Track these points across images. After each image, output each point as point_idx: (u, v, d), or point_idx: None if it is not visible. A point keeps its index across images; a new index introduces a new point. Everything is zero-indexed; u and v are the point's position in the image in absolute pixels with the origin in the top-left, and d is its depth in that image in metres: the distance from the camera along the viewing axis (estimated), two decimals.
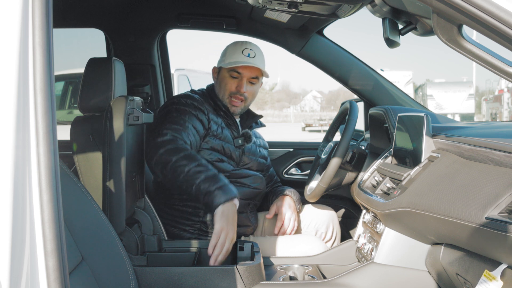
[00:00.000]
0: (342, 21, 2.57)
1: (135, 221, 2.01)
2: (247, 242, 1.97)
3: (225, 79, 2.28)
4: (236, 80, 2.26)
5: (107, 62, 1.82)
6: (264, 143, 2.54)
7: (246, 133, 2.30)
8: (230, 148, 2.23)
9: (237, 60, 2.25)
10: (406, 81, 21.33)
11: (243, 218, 2.25)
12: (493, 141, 1.35)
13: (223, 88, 2.28)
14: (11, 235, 0.90)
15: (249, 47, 2.28)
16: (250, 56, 2.26)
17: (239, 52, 2.26)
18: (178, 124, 2.06)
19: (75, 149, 1.85)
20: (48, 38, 0.96)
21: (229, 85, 2.27)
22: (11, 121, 0.92)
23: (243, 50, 2.27)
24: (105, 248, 1.50)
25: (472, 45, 1.22)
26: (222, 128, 2.22)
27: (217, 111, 2.27)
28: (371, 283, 1.74)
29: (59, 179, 0.96)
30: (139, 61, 2.89)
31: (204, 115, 2.17)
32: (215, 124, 2.20)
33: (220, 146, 2.20)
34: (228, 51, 2.31)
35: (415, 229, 1.62)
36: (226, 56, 2.30)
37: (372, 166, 2.12)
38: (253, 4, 1.95)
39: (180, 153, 1.93)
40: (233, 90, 2.26)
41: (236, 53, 2.27)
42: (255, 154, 2.37)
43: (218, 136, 2.20)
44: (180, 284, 1.70)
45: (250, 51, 2.27)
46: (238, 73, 2.25)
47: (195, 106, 2.17)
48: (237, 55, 2.26)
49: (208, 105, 2.24)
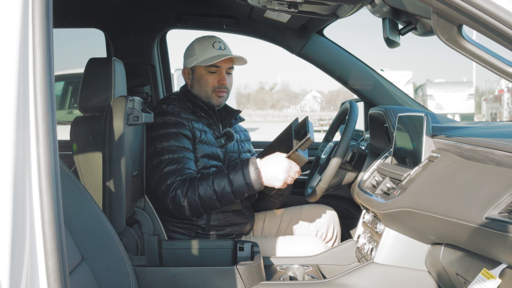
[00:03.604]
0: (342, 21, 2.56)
1: (135, 221, 2.01)
2: (247, 242, 1.97)
3: (204, 77, 2.25)
4: (216, 74, 2.25)
5: (107, 62, 1.82)
6: (246, 135, 2.51)
7: (228, 132, 2.28)
8: (217, 150, 2.22)
9: (214, 55, 2.22)
10: (406, 81, 21.33)
11: (238, 217, 2.24)
12: (493, 141, 1.35)
13: (205, 85, 2.26)
14: (11, 235, 0.90)
15: (217, 40, 2.27)
16: (222, 49, 2.26)
17: (210, 47, 2.24)
18: (173, 153, 2.08)
19: (75, 149, 1.85)
20: (48, 38, 0.96)
21: (210, 81, 2.25)
22: (11, 121, 0.92)
23: (213, 44, 2.25)
24: (105, 248, 1.50)
25: (472, 45, 1.22)
26: (205, 132, 2.20)
27: (197, 114, 2.24)
28: (371, 283, 1.74)
29: (59, 179, 0.96)
30: (139, 61, 2.89)
31: (185, 128, 2.15)
32: (198, 131, 2.18)
33: (209, 151, 2.18)
34: (197, 49, 2.27)
35: (415, 229, 1.62)
36: (197, 53, 2.26)
37: (372, 166, 2.12)
38: (253, 4, 1.95)
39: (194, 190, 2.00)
40: (216, 85, 2.25)
41: (208, 49, 2.24)
42: (238, 151, 2.34)
43: (204, 141, 2.18)
44: (180, 284, 1.70)
45: (220, 44, 2.26)
46: (216, 67, 2.24)
47: (174, 123, 2.14)
48: (210, 50, 2.24)
49: (186, 112, 2.21)
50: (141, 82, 2.87)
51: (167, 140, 2.11)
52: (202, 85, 2.26)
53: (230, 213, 2.20)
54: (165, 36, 3.02)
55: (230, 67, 2.29)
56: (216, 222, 2.17)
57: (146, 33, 2.88)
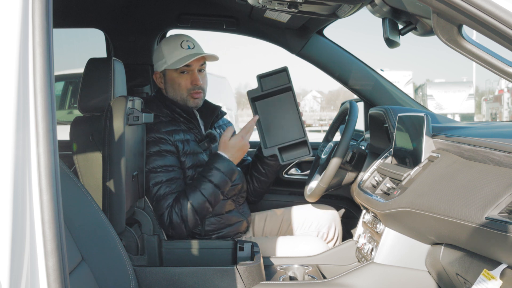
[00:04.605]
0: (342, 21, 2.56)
1: (135, 221, 2.01)
2: (247, 242, 1.97)
3: (176, 80, 2.17)
4: (187, 75, 2.16)
5: (107, 62, 1.82)
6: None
7: (210, 134, 2.21)
8: (202, 156, 2.17)
9: (183, 56, 2.14)
10: (406, 81, 21.31)
11: (233, 216, 2.23)
12: (493, 141, 1.35)
13: (178, 89, 2.18)
14: (11, 235, 0.90)
15: (185, 39, 2.19)
16: (190, 48, 2.17)
17: (179, 48, 2.16)
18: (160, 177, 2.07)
19: (75, 149, 1.85)
20: (48, 38, 0.96)
21: (183, 82, 2.16)
22: (11, 121, 0.92)
23: (180, 44, 2.17)
24: (105, 248, 1.50)
25: (472, 45, 1.22)
26: (187, 142, 2.15)
27: (176, 120, 2.17)
28: (371, 283, 1.74)
29: (59, 179, 0.96)
30: (139, 61, 2.88)
31: (167, 143, 2.10)
32: (180, 143, 2.13)
33: (195, 160, 2.14)
34: (165, 50, 2.18)
35: (415, 229, 1.62)
36: (166, 56, 2.17)
37: (372, 166, 2.12)
38: (253, 4, 1.95)
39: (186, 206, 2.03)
40: (190, 87, 2.17)
41: (176, 50, 2.16)
42: None
43: (188, 152, 2.14)
44: (180, 284, 1.70)
45: (188, 43, 2.17)
46: (187, 66, 2.15)
47: (155, 141, 2.09)
48: (178, 51, 2.15)
49: (165, 124, 2.13)
50: (141, 82, 2.86)
51: (152, 161, 2.07)
52: (176, 89, 2.18)
53: (223, 215, 2.19)
54: (165, 36, 3.02)
55: (201, 64, 2.19)
56: (211, 227, 2.16)
57: (146, 33, 2.88)
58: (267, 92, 2.12)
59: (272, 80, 2.12)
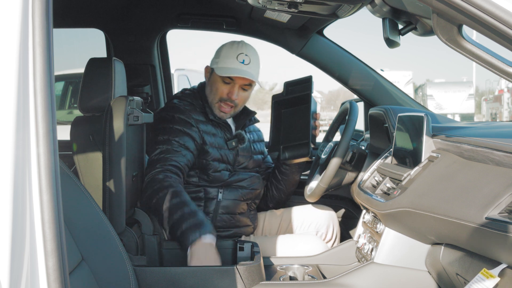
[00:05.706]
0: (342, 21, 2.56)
1: (135, 221, 2.01)
2: (247, 242, 1.97)
3: (216, 84, 2.19)
4: (228, 86, 2.17)
5: (107, 62, 1.82)
6: (259, 135, 2.49)
7: (239, 134, 2.24)
8: (226, 153, 2.20)
9: (231, 67, 2.15)
10: (406, 81, 21.30)
11: (243, 218, 2.25)
12: (493, 141, 1.35)
13: (214, 93, 2.20)
14: (11, 235, 0.90)
15: (245, 52, 2.17)
16: (245, 63, 2.15)
17: (234, 57, 2.15)
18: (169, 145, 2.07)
19: (75, 149, 1.85)
20: (48, 38, 0.96)
21: (220, 90, 2.18)
22: (11, 121, 0.92)
23: (238, 55, 2.16)
24: (105, 248, 1.50)
25: (472, 45, 1.22)
26: (214, 135, 2.17)
27: (207, 115, 2.20)
28: (371, 283, 1.74)
29: (59, 179, 0.96)
30: (139, 61, 2.89)
31: (193, 129, 2.11)
32: (207, 135, 2.15)
33: (218, 154, 2.17)
34: (223, 53, 2.20)
35: (415, 229, 1.62)
36: (220, 58, 2.19)
37: (372, 166, 2.12)
38: (253, 4, 1.95)
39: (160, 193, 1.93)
40: (224, 96, 2.18)
41: (230, 58, 2.16)
42: (250, 152, 2.34)
43: (214, 145, 2.16)
44: (180, 284, 1.70)
45: (245, 57, 2.16)
46: (231, 79, 2.16)
47: (182, 121, 2.12)
48: (231, 60, 2.15)
49: (197, 112, 2.18)
50: (141, 82, 2.87)
51: (170, 134, 2.09)
52: (213, 91, 2.21)
53: (236, 215, 2.22)
54: (165, 36, 3.02)
55: (246, 84, 2.19)
56: (221, 223, 2.17)
57: (146, 33, 2.88)
58: (289, 97, 2.26)
59: (296, 87, 2.25)
